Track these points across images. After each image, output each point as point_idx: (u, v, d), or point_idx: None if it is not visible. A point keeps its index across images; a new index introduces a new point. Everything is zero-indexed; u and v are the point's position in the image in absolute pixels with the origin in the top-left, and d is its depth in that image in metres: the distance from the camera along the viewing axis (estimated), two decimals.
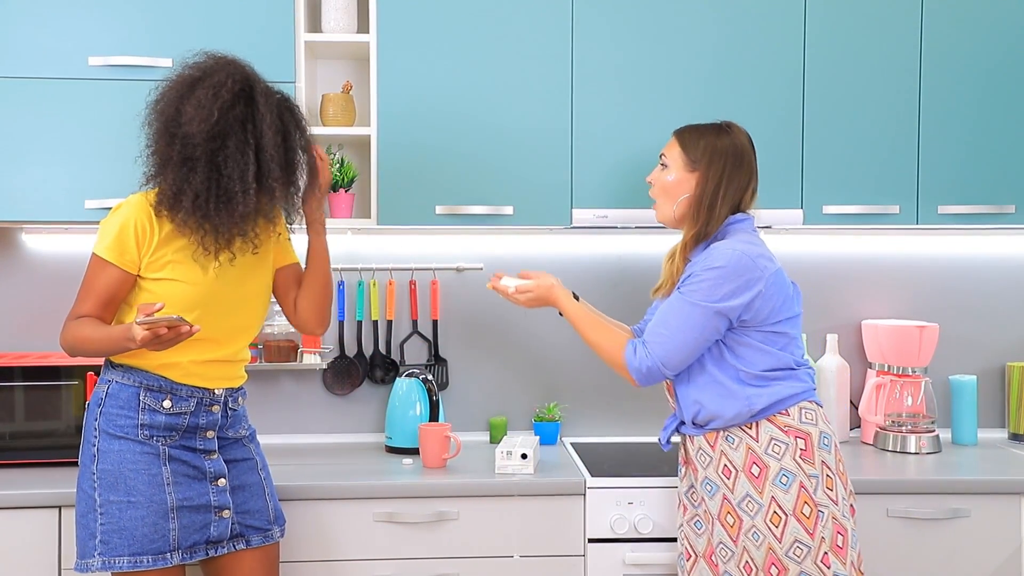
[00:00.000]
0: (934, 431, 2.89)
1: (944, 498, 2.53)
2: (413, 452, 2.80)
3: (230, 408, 2.24)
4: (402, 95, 2.69)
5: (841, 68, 2.75)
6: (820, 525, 2.13)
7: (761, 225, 2.74)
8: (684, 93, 2.72)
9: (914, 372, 2.94)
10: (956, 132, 2.78)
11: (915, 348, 2.93)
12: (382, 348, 3.04)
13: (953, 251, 3.14)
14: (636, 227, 2.73)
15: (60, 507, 2.37)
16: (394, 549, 2.46)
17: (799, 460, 2.15)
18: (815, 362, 3.04)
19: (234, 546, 2.21)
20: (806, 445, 2.16)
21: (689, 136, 2.29)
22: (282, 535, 2.31)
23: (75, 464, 2.46)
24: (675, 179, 2.28)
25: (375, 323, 3.04)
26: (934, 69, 2.77)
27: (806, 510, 2.13)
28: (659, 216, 2.34)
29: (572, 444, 2.95)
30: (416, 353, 3.06)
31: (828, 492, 2.15)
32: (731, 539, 2.18)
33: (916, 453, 2.83)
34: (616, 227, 2.73)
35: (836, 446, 2.21)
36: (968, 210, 2.77)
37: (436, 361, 3.05)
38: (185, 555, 2.13)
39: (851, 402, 3.07)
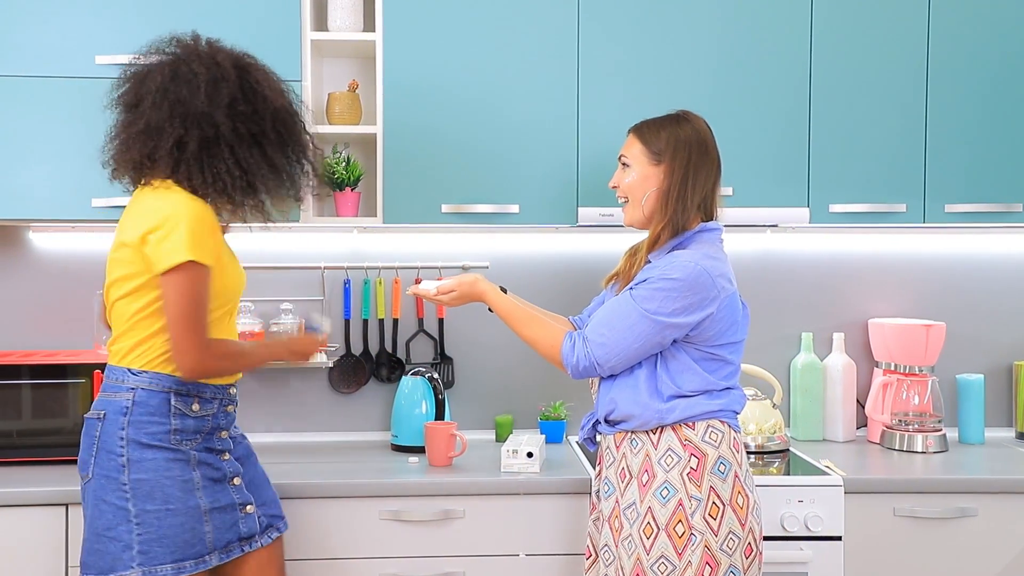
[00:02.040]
0: (941, 430, 2.88)
1: (951, 497, 2.53)
2: (419, 450, 2.79)
3: (236, 406, 2.25)
4: (408, 93, 2.69)
5: (847, 66, 2.75)
6: (690, 549, 2.03)
7: (767, 223, 2.76)
8: (690, 91, 2.71)
9: (921, 371, 2.93)
10: (963, 130, 2.77)
11: (922, 347, 2.92)
12: (388, 346, 3.04)
13: (960, 250, 3.13)
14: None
15: (67, 504, 2.37)
16: (400, 547, 2.46)
17: (685, 478, 2.06)
18: (822, 361, 3.04)
19: (270, 537, 2.21)
20: (697, 466, 2.06)
21: (648, 130, 2.19)
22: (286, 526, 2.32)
23: None
24: (640, 175, 2.17)
25: (381, 321, 3.04)
26: (941, 67, 2.76)
27: (679, 529, 2.04)
28: (627, 219, 2.23)
29: (578, 443, 2.95)
30: (422, 351, 3.06)
31: (709, 520, 2.04)
32: (614, 544, 2.13)
33: (923, 452, 2.83)
34: (622, 226, 2.72)
35: (738, 477, 2.09)
36: (975, 208, 2.77)
37: (442, 359, 3.05)
38: (222, 555, 2.11)
39: (858, 401, 3.06)
